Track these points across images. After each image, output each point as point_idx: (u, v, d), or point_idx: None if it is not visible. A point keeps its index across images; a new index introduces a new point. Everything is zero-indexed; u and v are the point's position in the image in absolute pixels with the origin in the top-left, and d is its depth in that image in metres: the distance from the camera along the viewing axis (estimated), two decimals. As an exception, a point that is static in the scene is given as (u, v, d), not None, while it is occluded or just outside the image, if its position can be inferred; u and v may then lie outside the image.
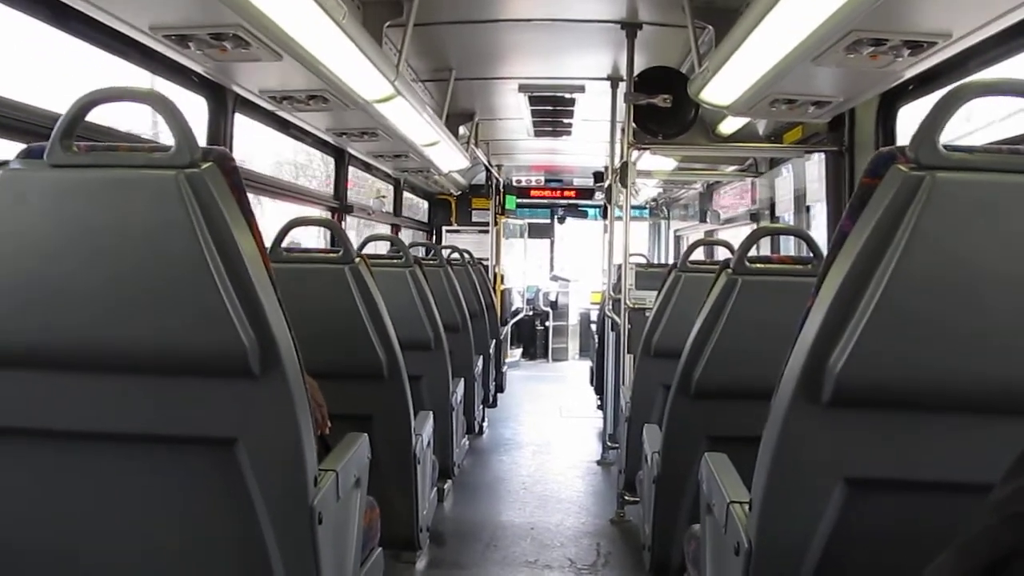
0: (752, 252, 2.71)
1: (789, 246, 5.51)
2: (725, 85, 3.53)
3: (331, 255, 2.93)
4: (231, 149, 3.84)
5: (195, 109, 3.70)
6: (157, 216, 1.53)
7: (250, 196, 1.72)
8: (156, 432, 1.70)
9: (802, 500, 1.55)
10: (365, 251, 3.56)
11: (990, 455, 1.08)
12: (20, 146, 1.68)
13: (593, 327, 8.77)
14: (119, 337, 1.60)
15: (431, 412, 3.64)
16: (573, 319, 12.44)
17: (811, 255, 2.72)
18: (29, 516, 1.77)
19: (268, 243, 2.90)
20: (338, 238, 2.91)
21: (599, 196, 10.27)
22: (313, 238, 8.06)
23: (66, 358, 1.64)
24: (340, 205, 5.75)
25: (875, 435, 1.50)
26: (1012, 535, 0.59)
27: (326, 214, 5.68)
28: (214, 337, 1.57)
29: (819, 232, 4.63)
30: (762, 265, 2.70)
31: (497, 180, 10.10)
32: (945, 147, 1.36)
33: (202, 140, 3.71)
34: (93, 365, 1.65)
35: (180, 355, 1.61)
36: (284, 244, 2.95)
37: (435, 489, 3.95)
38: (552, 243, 12.94)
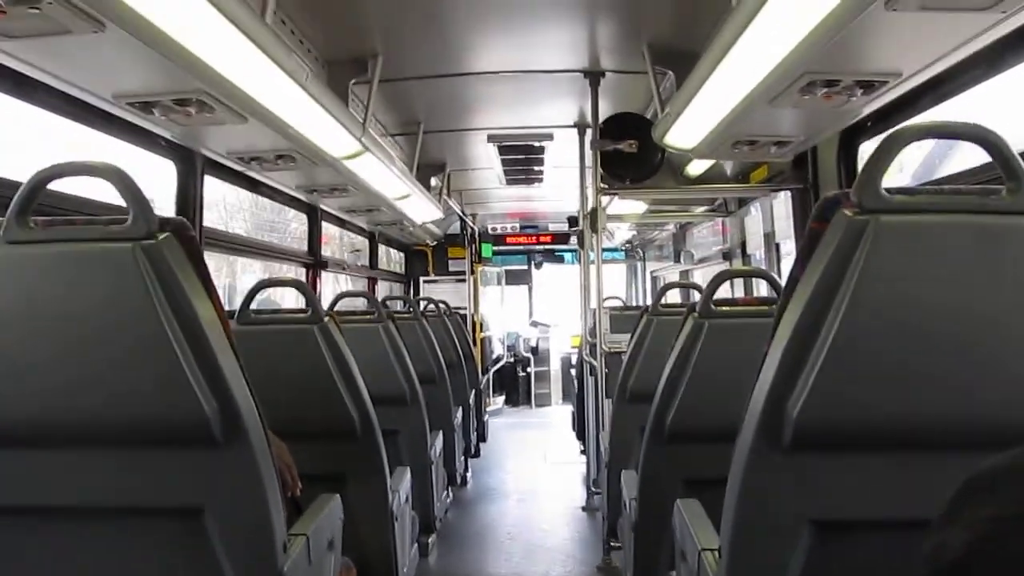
0: (727, 292, 2.73)
1: (762, 285, 5.56)
2: (687, 129, 3.58)
3: (300, 315, 2.93)
4: (201, 211, 3.84)
5: (166, 172, 3.72)
6: (115, 289, 1.53)
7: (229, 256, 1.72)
8: (121, 504, 1.68)
9: (769, 544, 1.55)
10: (343, 306, 3.55)
11: (952, 491, 1.09)
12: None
13: (573, 371, 8.76)
14: (80, 410, 1.59)
15: (408, 467, 3.62)
16: (555, 364, 12.42)
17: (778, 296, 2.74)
18: None
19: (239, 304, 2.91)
20: (306, 298, 2.91)
21: (574, 240, 10.32)
22: (292, 297, 8.05)
23: (27, 433, 1.63)
24: (315, 261, 5.75)
25: (838, 477, 1.50)
26: None
27: (301, 271, 5.69)
28: (176, 407, 1.57)
29: (788, 269, 4.66)
30: (728, 308, 2.72)
31: (472, 229, 10.14)
32: (887, 190, 1.38)
33: (172, 202, 3.73)
34: (55, 440, 1.64)
35: (142, 426, 1.60)
36: (257, 305, 2.95)
37: (417, 544, 3.91)
38: (530, 289, 12.96)
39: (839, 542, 1.52)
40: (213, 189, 3.99)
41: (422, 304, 6.20)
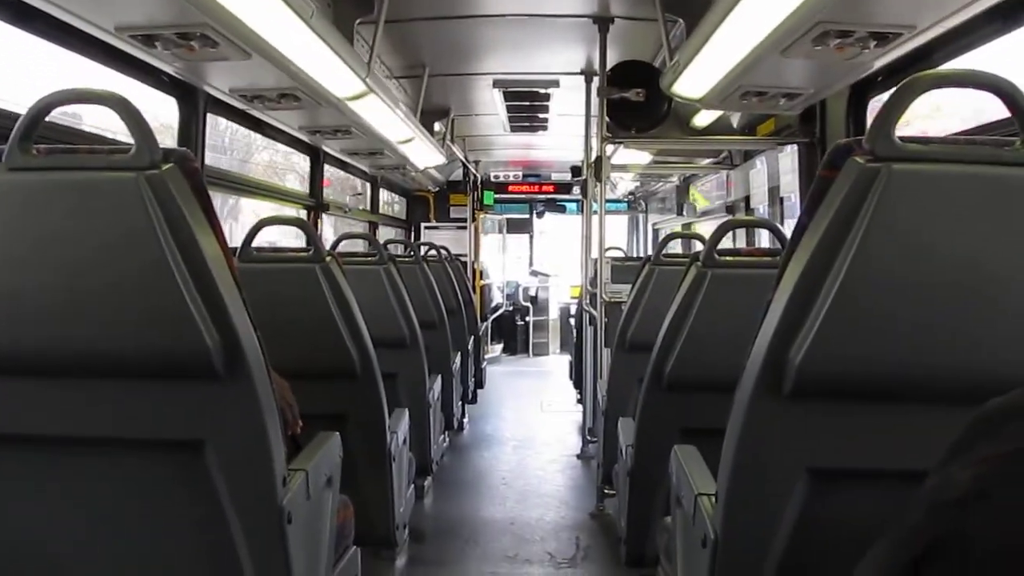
0: (729, 244, 2.73)
1: (764, 238, 5.54)
2: (696, 78, 3.55)
3: (302, 254, 2.92)
4: (203, 148, 3.82)
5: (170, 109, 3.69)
6: (117, 219, 1.52)
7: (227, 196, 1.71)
8: (123, 436, 1.69)
9: (766, 491, 1.56)
10: (342, 249, 3.54)
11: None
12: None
13: (572, 321, 8.79)
14: (81, 340, 1.59)
15: (407, 409, 3.64)
16: (553, 314, 12.45)
17: (782, 247, 2.74)
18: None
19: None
20: (309, 236, 2.90)
21: (577, 191, 10.28)
22: (291, 238, 8.04)
23: (28, 363, 1.63)
24: (316, 204, 5.73)
25: (837, 426, 1.51)
26: (935, 527, 0.60)
27: (303, 213, 5.67)
28: (178, 339, 1.57)
29: (793, 223, 4.65)
30: (731, 258, 2.71)
31: (474, 176, 10.09)
32: (901, 139, 1.37)
33: (174, 140, 3.70)
34: (56, 370, 1.64)
35: (144, 358, 1.60)
36: (258, 244, 2.94)
37: (413, 486, 3.95)
38: (531, 238, 12.94)
39: (836, 491, 1.53)
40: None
41: (423, 249, 6.18)
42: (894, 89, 1.39)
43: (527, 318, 12.32)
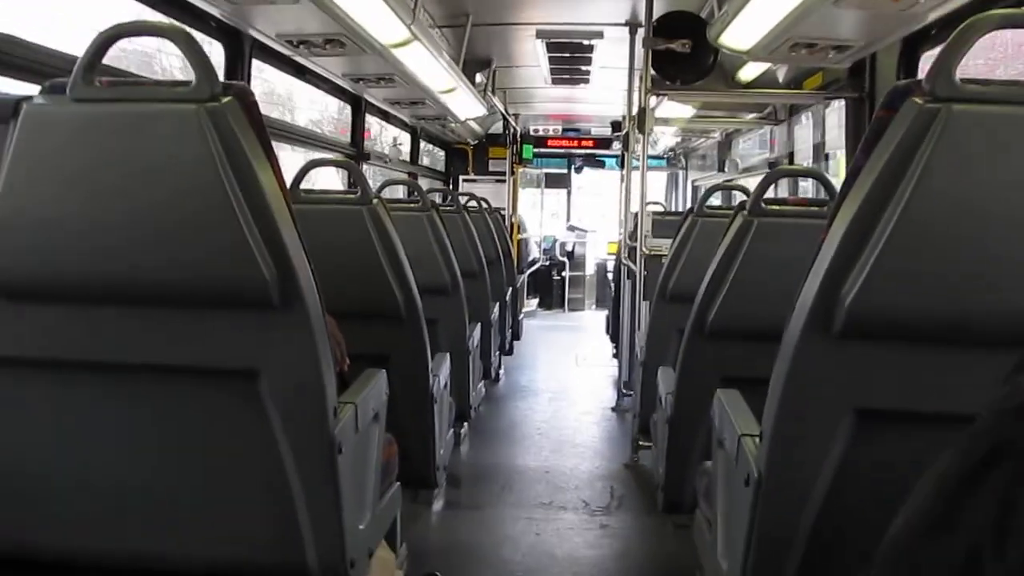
0: (771, 196, 2.71)
1: (809, 192, 5.49)
2: (744, 29, 3.51)
3: (349, 196, 2.95)
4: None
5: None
6: (178, 149, 1.55)
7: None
8: (179, 363, 1.73)
9: (811, 430, 1.58)
10: (383, 197, 3.55)
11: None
12: (36, 88, 1.71)
13: (610, 275, 8.78)
14: (140, 269, 1.63)
15: (448, 354, 3.68)
16: (590, 269, 12.44)
17: (828, 198, 2.72)
18: (56, 446, 1.82)
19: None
20: (356, 179, 2.92)
21: (616, 146, 10.19)
22: (330, 186, 8.08)
23: (89, 291, 1.67)
24: (357, 152, 5.75)
25: (885, 367, 1.52)
26: (998, 432, 0.62)
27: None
28: (235, 269, 1.60)
29: (838, 181, 4.60)
30: (778, 207, 2.70)
31: (514, 129, 10.05)
32: (962, 80, 1.36)
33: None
34: (116, 298, 1.68)
35: (202, 287, 1.64)
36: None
37: (452, 432, 4.01)
38: (569, 193, 12.89)
39: (881, 432, 1.54)
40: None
41: (463, 199, 6.20)
42: (958, 29, 1.38)
43: (563, 273, 12.31)
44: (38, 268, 1.65)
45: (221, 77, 3.27)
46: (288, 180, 1.92)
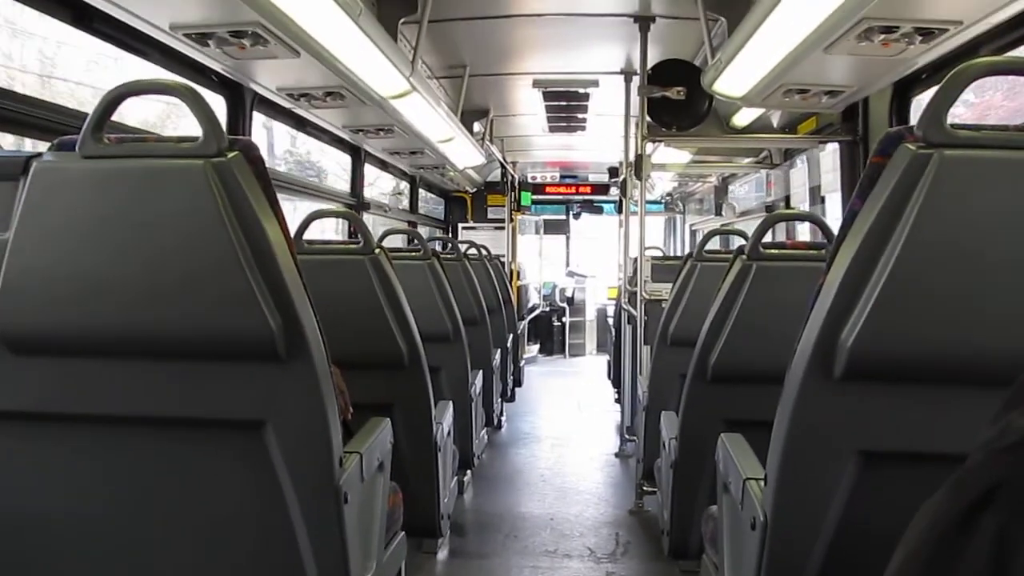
0: (768, 240, 2.74)
1: (805, 235, 5.53)
2: (738, 76, 3.56)
3: (351, 246, 2.98)
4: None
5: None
6: (186, 204, 1.57)
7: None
8: (187, 415, 1.74)
9: (816, 473, 1.58)
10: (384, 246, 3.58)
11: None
12: (46, 145, 1.74)
13: (610, 321, 8.79)
14: (151, 323, 1.65)
15: (451, 402, 3.68)
16: (590, 315, 12.46)
17: (825, 241, 2.75)
18: (63, 499, 1.82)
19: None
20: (357, 229, 2.95)
21: (614, 192, 10.28)
22: (327, 236, 8.12)
23: (97, 344, 1.69)
24: (357, 202, 5.80)
25: (888, 408, 1.53)
26: (991, 473, 0.62)
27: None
28: (242, 322, 1.62)
29: (834, 223, 4.64)
30: (776, 251, 2.73)
31: (512, 176, 10.13)
32: (952, 126, 1.39)
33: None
34: (125, 351, 1.70)
35: (210, 340, 1.66)
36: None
37: (456, 480, 4.00)
38: (568, 239, 12.95)
39: (887, 473, 1.55)
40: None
41: (463, 247, 6.24)
42: (947, 77, 1.41)
43: (564, 319, 12.33)
44: (46, 323, 1.66)
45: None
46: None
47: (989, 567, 0.60)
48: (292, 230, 2.93)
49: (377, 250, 2.90)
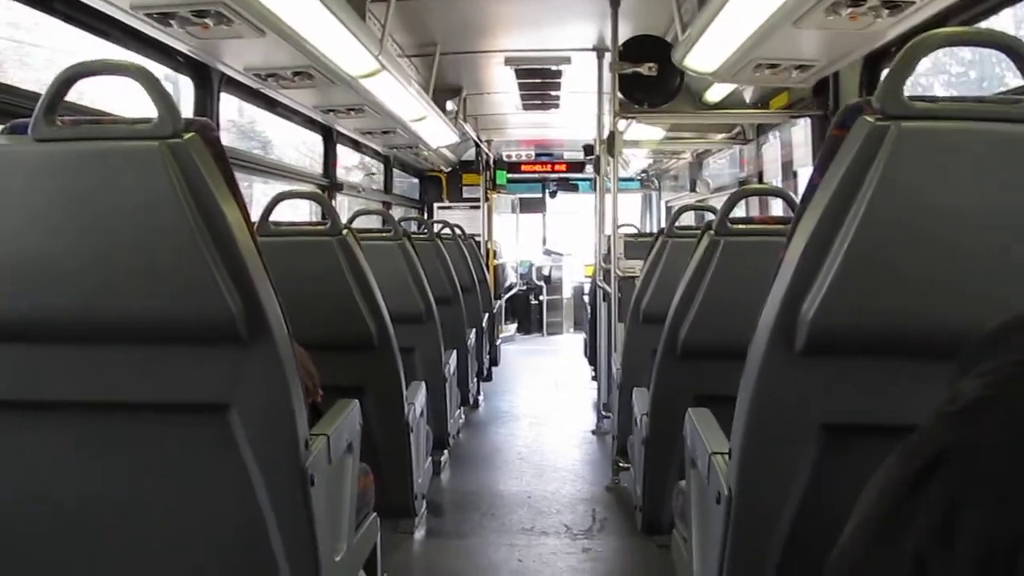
0: (741, 214, 2.75)
1: (779, 209, 5.54)
2: (708, 51, 3.55)
3: (319, 228, 2.96)
4: (218, 128, 3.84)
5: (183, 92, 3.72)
6: (141, 186, 1.55)
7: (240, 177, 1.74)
8: (149, 400, 1.73)
9: (779, 447, 1.59)
10: (356, 227, 3.57)
11: None
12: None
13: (586, 298, 8.81)
14: (108, 307, 1.63)
15: (423, 382, 3.68)
16: (567, 293, 12.49)
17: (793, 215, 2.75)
18: (23, 488, 1.80)
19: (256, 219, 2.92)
20: (325, 210, 2.94)
21: (590, 169, 10.27)
22: (305, 218, 8.06)
23: (56, 330, 1.67)
24: (330, 183, 5.75)
25: (849, 382, 1.53)
26: (940, 437, 0.62)
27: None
28: (202, 304, 1.60)
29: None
30: (744, 226, 2.73)
31: (487, 155, 10.09)
32: (910, 98, 1.39)
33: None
34: (83, 336, 1.68)
35: (169, 323, 1.64)
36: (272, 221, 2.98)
37: (431, 460, 4.00)
38: (544, 217, 12.95)
39: (849, 446, 1.56)
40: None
41: (436, 227, 6.22)
42: (904, 49, 1.41)
43: (540, 297, 12.35)
44: (2, 309, 1.64)
45: (190, 112, 3.31)
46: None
47: (936, 532, 0.60)
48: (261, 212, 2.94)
49: (345, 231, 2.88)
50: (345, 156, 6.61)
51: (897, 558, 0.64)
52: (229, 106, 4.00)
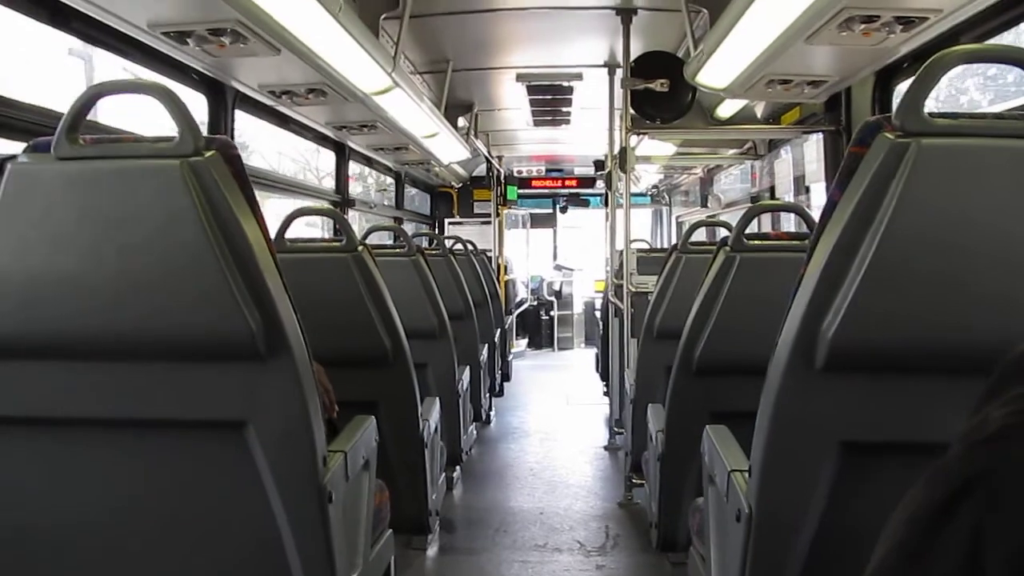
0: (754, 230, 2.74)
1: (790, 225, 5.53)
2: (720, 67, 3.56)
3: (334, 244, 2.97)
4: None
5: (196, 107, 3.74)
6: (162, 205, 1.56)
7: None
8: (168, 417, 1.73)
9: (800, 464, 1.59)
10: (370, 243, 3.58)
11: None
12: (21, 145, 1.72)
13: (598, 314, 8.81)
14: (127, 325, 1.63)
15: (437, 398, 3.68)
16: (578, 308, 12.47)
17: (808, 231, 2.75)
18: (44, 503, 1.81)
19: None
20: (341, 227, 2.95)
21: (600, 185, 10.28)
22: (309, 233, 8.09)
23: (76, 347, 1.67)
24: (342, 199, 5.78)
25: (870, 399, 1.53)
26: (968, 465, 0.62)
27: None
28: (221, 321, 1.61)
29: (818, 212, 4.64)
30: (759, 242, 2.73)
31: (498, 171, 10.12)
32: (930, 114, 1.39)
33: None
34: (104, 353, 1.68)
35: (189, 340, 1.65)
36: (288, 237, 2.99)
37: (444, 476, 3.99)
38: (555, 233, 12.94)
39: (869, 464, 1.55)
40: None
41: (449, 243, 6.23)
42: (924, 66, 1.41)
43: (551, 312, 12.34)
44: (23, 326, 1.65)
45: (204, 128, 3.32)
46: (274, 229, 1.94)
47: (966, 560, 0.60)
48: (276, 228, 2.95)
49: (360, 247, 2.89)
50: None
51: None
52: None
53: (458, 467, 4.88)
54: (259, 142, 6.96)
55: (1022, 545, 0.57)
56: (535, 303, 12.36)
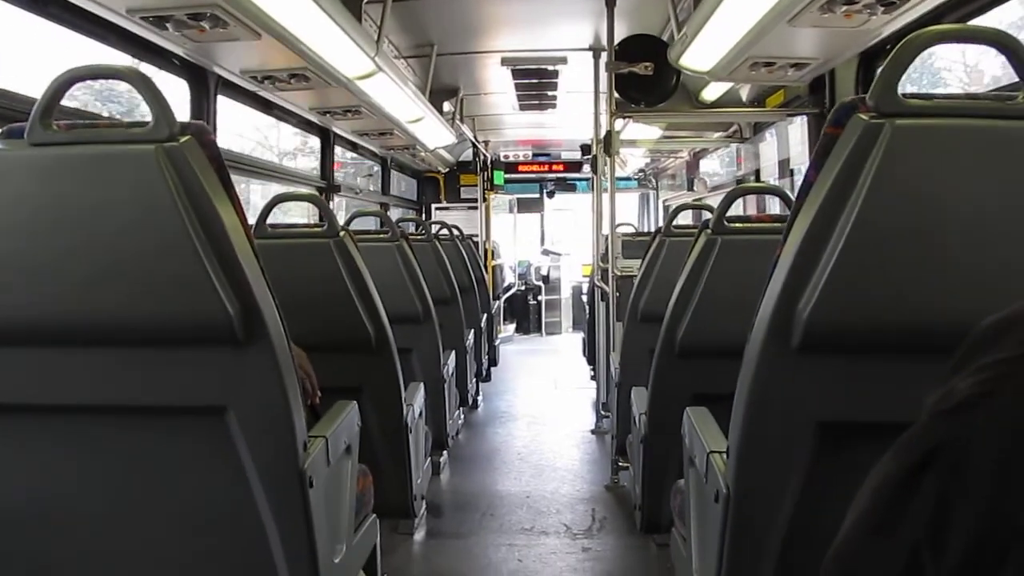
0: (739, 213, 2.75)
1: (776, 208, 5.55)
2: (704, 50, 3.55)
3: (316, 230, 2.96)
4: (215, 131, 3.84)
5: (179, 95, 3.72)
6: (137, 190, 1.55)
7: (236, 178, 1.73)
8: (146, 403, 1.73)
9: (776, 445, 1.59)
10: (354, 229, 3.57)
11: None
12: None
13: (584, 298, 8.82)
14: (103, 310, 1.63)
15: (422, 383, 3.68)
16: (565, 293, 12.48)
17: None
18: (20, 491, 1.81)
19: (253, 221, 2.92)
20: (323, 212, 2.94)
21: (587, 169, 10.27)
22: (303, 220, 8.06)
23: (53, 333, 1.67)
24: (327, 185, 5.76)
25: (846, 379, 1.53)
26: (934, 434, 0.63)
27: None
28: (198, 307, 1.60)
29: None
30: (740, 225, 2.73)
31: (484, 156, 10.09)
32: (904, 95, 1.39)
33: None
34: (81, 339, 1.68)
35: (166, 326, 1.64)
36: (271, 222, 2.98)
37: (430, 461, 4.00)
38: (542, 217, 12.94)
39: (846, 444, 1.56)
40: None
41: (434, 228, 6.22)
42: (897, 46, 1.41)
43: (539, 297, 12.35)
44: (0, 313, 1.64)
45: (187, 115, 3.31)
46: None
47: (930, 525, 0.61)
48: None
49: (342, 233, 2.88)
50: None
51: (892, 550, 0.65)
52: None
53: (445, 452, 4.89)
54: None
55: (985, 510, 0.57)
56: (523, 288, 12.37)
